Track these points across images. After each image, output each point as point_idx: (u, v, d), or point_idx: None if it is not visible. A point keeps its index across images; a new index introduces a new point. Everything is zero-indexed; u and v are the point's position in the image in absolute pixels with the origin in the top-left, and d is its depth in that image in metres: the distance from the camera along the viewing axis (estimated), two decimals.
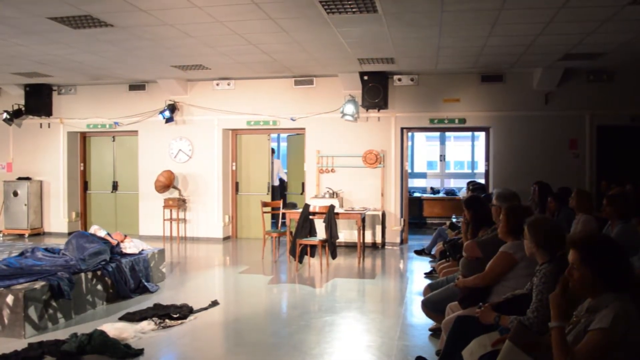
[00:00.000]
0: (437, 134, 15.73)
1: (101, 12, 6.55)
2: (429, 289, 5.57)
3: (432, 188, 15.07)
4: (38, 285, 5.64)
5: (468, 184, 9.43)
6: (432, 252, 9.02)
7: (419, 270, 8.73)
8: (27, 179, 12.57)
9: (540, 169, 10.16)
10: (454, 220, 9.03)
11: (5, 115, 12.21)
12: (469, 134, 16.05)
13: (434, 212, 13.95)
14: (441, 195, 14.51)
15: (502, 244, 4.20)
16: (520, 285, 3.86)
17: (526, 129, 10.46)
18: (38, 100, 12.17)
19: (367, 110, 10.80)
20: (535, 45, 8.20)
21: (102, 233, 7.23)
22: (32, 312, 5.50)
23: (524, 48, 8.42)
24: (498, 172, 10.62)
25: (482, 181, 10.97)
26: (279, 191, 12.44)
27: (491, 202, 5.57)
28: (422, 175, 16.40)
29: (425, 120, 10.86)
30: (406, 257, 10.04)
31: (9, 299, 5.39)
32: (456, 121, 10.68)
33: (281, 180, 13.03)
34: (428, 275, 8.09)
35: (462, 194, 12.43)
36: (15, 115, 12.30)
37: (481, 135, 14.02)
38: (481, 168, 14.28)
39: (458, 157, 17.59)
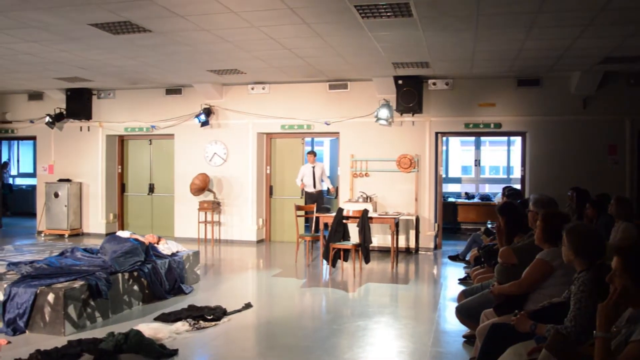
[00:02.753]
0: (472, 138, 15.58)
1: (140, 18, 6.64)
2: (463, 295, 5.51)
3: (466, 193, 14.91)
4: (77, 284, 5.74)
5: (504, 189, 9.29)
6: (467, 258, 8.93)
7: (453, 276, 8.66)
8: (68, 180, 12.78)
9: (577, 175, 9.96)
10: (489, 226, 8.91)
11: (47, 118, 12.43)
12: (505, 138, 15.67)
13: (469, 217, 13.82)
14: (476, 200, 14.34)
15: (538, 250, 4.13)
16: (557, 293, 3.80)
17: (564, 134, 10.28)
18: (78, 104, 12.36)
19: (401, 114, 10.77)
20: (573, 49, 8.04)
21: (125, 234, 7.28)
22: (72, 311, 5.59)
23: (561, 51, 8.26)
24: (534, 178, 10.45)
25: (518, 187, 10.84)
26: (319, 198, 11.38)
27: (528, 208, 5.47)
28: (457, 180, 16.24)
29: (460, 124, 10.78)
30: (440, 262, 9.97)
31: (50, 297, 5.49)
32: (491, 126, 10.59)
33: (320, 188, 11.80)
34: (462, 281, 8.03)
35: (498, 199, 12.36)
36: (56, 119, 12.50)
37: (517, 140, 13.80)
38: (517, 173, 13.87)
39: (493, 162, 17.38)
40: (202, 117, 11.72)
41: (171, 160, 12.56)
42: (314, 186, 11.41)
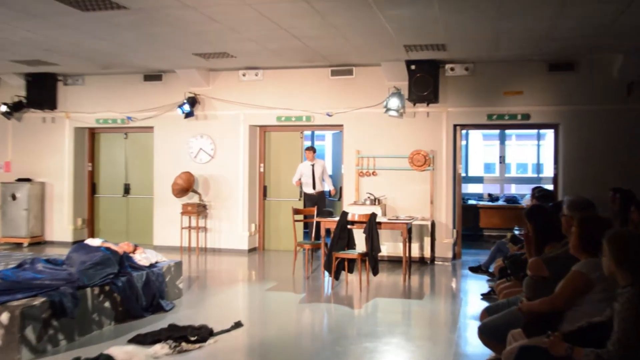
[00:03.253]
0: (496, 131, 15.54)
1: None
2: (486, 312, 5.46)
3: (489, 195, 14.84)
4: (37, 301, 5.63)
5: (533, 190, 9.25)
6: (490, 270, 8.92)
7: (474, 290, 8.68)
8: (28, 180, 12.67)
9: (620, 174, 9.94)
10: (516, 232, 8.89)
11: (3, 108, 12.39)
12: (534, 131, 15.80)
13: (492, 222, 13.72)
14: (500, 203, 14.26)
15: (574, 261, 4.11)
16: (597, 311, 3.77)
17: (603, 126, 10.25)
18: (41, 92, 12.29)
19: (414, 104, 10.77)
20: (615, 27, 8.00)
21: (96, 242, 7.24)
22: (30, 333, 5.47)
23: (601, 30, 8.23)
24: (569, 177, 10.47)
25: (550, 187, 10.82)
26: (320, 200, 11.47)
27: (561, 212, 5.44)
28: (478, 180, 16.18)
29: (482, 116, 10.77)
30: (459, 274, 9.98)
31: (4, 316, 5.37)
32: (518, 117, 10.59)
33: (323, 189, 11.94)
34: (485, 296, 8.05)
35: (526, 201, 12.35)
36: (15, 109, 12.44)
37: (548, 133, 13.85)
38: (548, 172, 14.09)
39: (521, 159, 17.42)
40: (186, 108, 11.68)
41: (150, 156, 12.52)
42: (314, 187, 11.44)
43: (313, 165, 11.44)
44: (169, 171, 12.07)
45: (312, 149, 11.63)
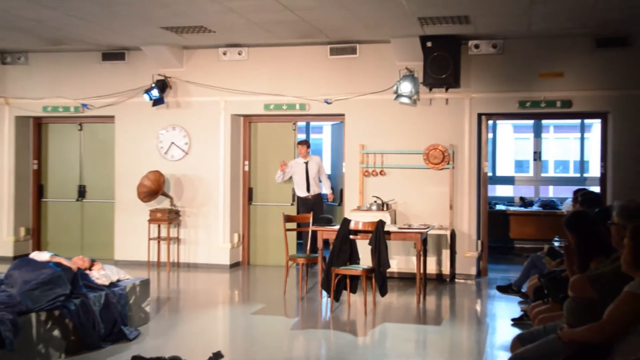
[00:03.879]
0: (530, 122, 15.54)
1: None
2: (518, 342, 5.36)
3: (522, 199, 14.86)
4: None
5: (575, 193, 9.19)
6: (523, 290, 8.88)
7: (503, 314, 8.66)
8: None
9: None
10: (555, 244, 8.78)
11: None
12: (577, 122, 15.62)
13: (525, 232, 13.72)
14: (535, 208, 14.22)
15: (626, 280, 4.08)
16: None
17: None
18: None
19: (430, 89, 10.79)
20: None
21: (43, 257, 7.20)
22: None
23: None
24: (619, 177, 10.49)
25: (596, 189, 10.79)
26: (316, 205, 11.52)
27: (610, 220, 5.41)
28: (508, 181, 16.19)
29: (512, 103, 10.75)
30: (485, 295, 9.99)
31: None
32: (558, 104, 10.57)
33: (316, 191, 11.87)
34: (517, 322, 8.01)
35: (566, 207, 12.28)
36: None
37: (595, 124, 14.00)
38: (594, 171, 14.23)
39: (560, 156, 17.42)
40: (155, 93, 11.61)
41: (110, 152, 12.45)
42: (308, 189, 11.45)
43: (307, 163, 11.44)
44: (134, 170, 11.94)
45: (305, 142, 11.65)
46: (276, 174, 11.54)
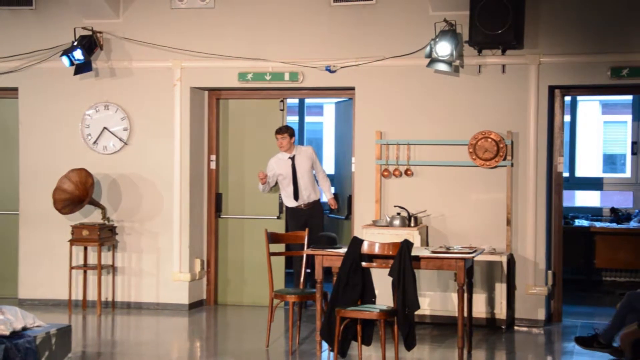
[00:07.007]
0: (628, 98, 14.06)
1: None
2: None
3: (614, 210, 13.23)
4: None
5: None
6: (615, 344, 8.16)
7: None
8: None
9: None
10: None
11: None
12: None
13: (619, 260, 12.20)
14: (634, 225, 12.66)
15: None
16: None
17: None
18: None
19: (479, 51, 9.62)
20: None
21: None
22: None
23: None
24: None
25: None
26: (313, 218, 10.49)
27: None
28: (593, 185, 14.77)
29: (600, 71, 9.45)
30: (559, 350, 9.12)
31: None
32: None
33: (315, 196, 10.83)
34: None
35: None
36: None
37: None
38: None
39: None
40: (78, 55, 10.22)
41: (12, 140, 11.10)
42: (296, 196, 10.17)
43: (293, 159, 10.11)
44: (48, 168, 10.59)
45: (286, 130, 10.28)
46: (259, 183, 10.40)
